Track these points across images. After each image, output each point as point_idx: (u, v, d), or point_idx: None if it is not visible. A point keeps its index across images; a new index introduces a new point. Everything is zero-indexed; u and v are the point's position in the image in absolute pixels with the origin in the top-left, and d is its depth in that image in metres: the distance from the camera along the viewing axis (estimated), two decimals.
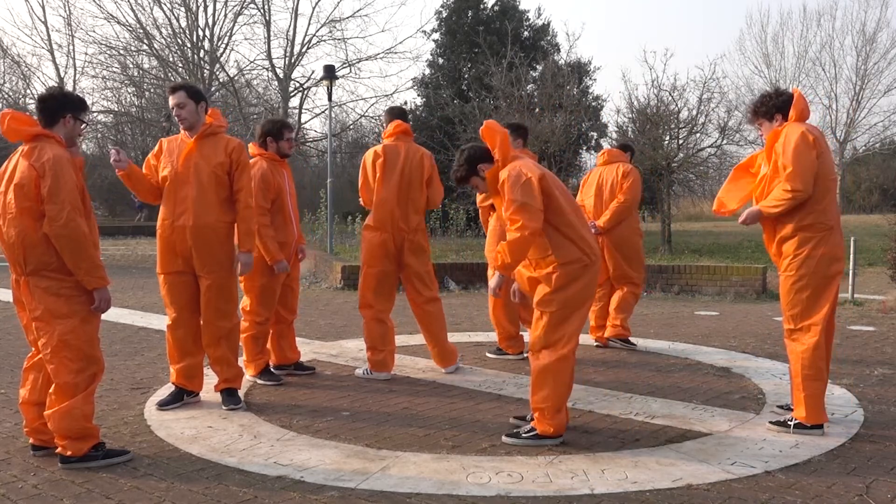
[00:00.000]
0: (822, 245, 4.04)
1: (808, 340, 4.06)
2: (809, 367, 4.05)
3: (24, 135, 3.60)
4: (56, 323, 3.55)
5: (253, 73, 27.42)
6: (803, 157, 3.98)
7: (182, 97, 4.50)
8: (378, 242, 5.42)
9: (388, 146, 5.46)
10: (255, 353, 5.33)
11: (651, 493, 3.30)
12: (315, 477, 3.49)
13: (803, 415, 4.09)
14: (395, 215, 5.40)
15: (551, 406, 3.91)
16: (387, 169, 5.40)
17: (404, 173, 5.42)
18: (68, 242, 3.49)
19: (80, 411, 3.59)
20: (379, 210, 5.41)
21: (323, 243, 15.84)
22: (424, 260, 5.59)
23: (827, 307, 4.06)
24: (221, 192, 4.54)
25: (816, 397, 4.07)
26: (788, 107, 4.21)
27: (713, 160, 19.84)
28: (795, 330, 4.12)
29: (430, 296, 5.57)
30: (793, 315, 4.12)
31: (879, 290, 10.22)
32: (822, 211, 4.05)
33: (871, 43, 34.49)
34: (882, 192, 34.48)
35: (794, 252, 4.07)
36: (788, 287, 4.12)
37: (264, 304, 5.27)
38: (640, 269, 6.60)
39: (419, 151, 5.54)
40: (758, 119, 4.33)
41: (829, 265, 4.05)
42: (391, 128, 5.52)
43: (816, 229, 4.04)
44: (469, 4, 23.80)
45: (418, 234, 5.54)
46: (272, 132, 5.38)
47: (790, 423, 4.12)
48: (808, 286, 4.05)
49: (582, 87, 20.87)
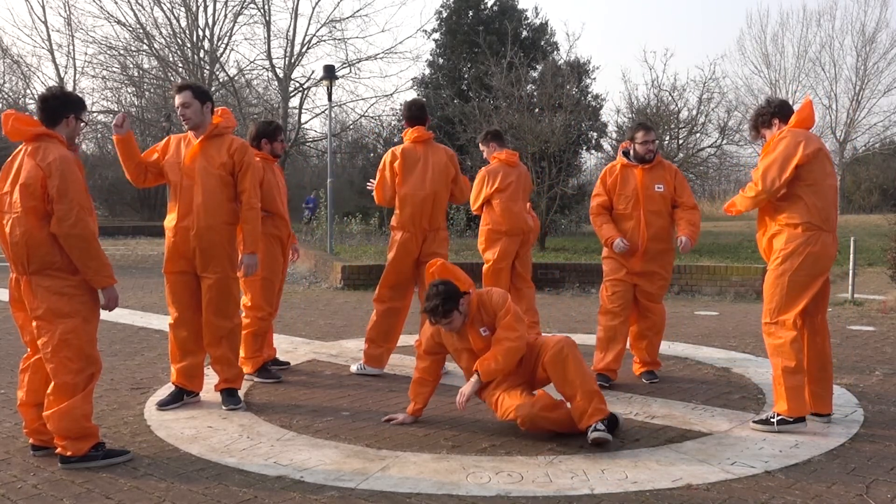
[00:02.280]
0: (810, 244, 4.10)
1: (785, 335, 4.12)
2: (787, 360, 4.09)
3: (27, 135, 3.61)
4: (58, 322, 3.55)
5: (253, 73, 27.45)
6: (778, 160, 4.08)
7: (188, 97, 4.49)
8: (400, 241, 5.54)
9: (406, 148, 5.55)
10: (253, 350, 5.36)
11: (651, 493, 3.30)
12: (315, 477, 3.49)
13: (785, 408, 4.11)
14: (417, 215, 5.51)
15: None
16: (405, 170, 5.49)
17: (426, 174, 5.51)
18: (78, 242, 3.51)
19: (79, 411, 3.59)
20: (400, 209, 5.53)
21: (323, 243, 15.83)
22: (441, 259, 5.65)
23: (803, 304, 4.12)
24: (226, 193, 4.55)
25: (797, 389, 4.09)
26: (785, 111, 4.29)
27: (713, 160, 19.88)
28: (771, 323, 4.19)
29: None
30: (770, 308, 4.20)
31: (879, 290, 10.22)
32: (816, 212, 4.10)
33: (871, 43, 34.58)
34: (882, 192, 34.47)
35: (782, 248, 4.15)
36: (771, 281, 4.20)
37: (266, 298, 5.39)
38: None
39: (441, 151, 5.64)
40: (760, 133, 4.42)
41: (814, 264, 4.10)
42: (412, 134, 5.58)
43: (806, 228, 4.10)
44: (469, 4, 23.79)
45: (440, 232, 5.68)
46: (267, 133, 5.53)
47: (773, 420, 4.14)
48: (788, 282, 4.12)
49: (581, 87, 20.85)
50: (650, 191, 5.16)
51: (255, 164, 4.72)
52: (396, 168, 5.49)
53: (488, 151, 6.58)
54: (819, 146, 4.14)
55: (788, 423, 4.09)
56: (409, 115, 5.64)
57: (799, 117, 4.21)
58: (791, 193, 4.14)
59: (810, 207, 4.10)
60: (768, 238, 4.27)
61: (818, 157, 4.11)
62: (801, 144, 4.07)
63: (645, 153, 5.19)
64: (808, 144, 4.09)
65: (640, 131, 5.24)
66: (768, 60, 36.75)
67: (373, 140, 30.21)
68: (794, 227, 4.13)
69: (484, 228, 6.51)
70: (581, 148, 21.00)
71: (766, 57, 36.93)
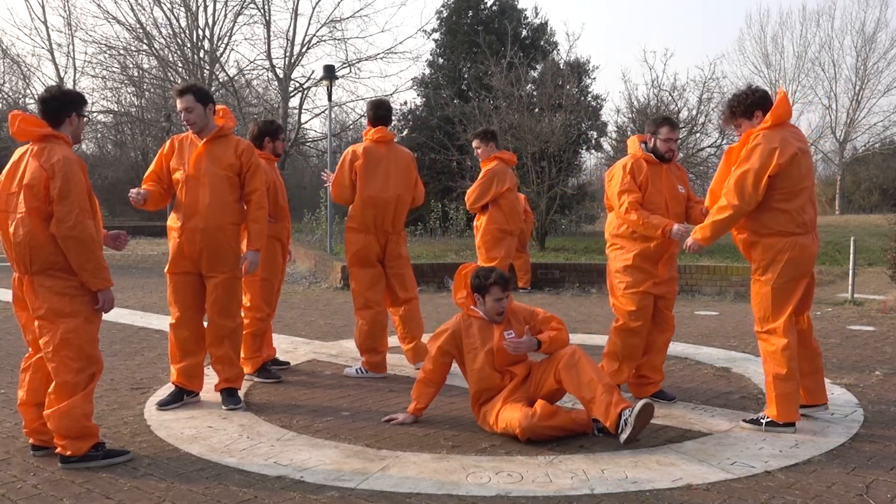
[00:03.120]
0: (787, 251, 4.04)
1: (777, 342, 4.09)
2: (779, 366, 4.07)
3: (33, 135, 3.62)
4: (60, 322, 3.56)
5: (253, 73, 27.45)
6: (753, 170, 3.95)
7: (190, 101, 4.49)
8: (364, 244, 5.45)
9: (368, 148, 5.43)
10: (253, 350, 5.37)
11: (651, 493, 3.30)
12: (315, 477, 3.49)
13: (774, 413, 4.12)
14: (380, 217, 5.42)
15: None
16: (367, 170, 5.37)
17: (389, 176, 5.41)
18: (75, 244, 3.51)
19: (79, 410, 3.59)
20: (362, 212, 5.40)
21: (323, 243, 15.82)
22: (405, 261, 5.67)
23: (790, 309, 4.08)
24: (232, 194, 4.57)
25: (787, 396, 4.08)
26: (767, 104, 4.12)
27: (713, 160, 19.80)
28: (763, 332, 4.17)
29: (407, 297, 5.65)
30: (760, 318, 4.18)
31: (879, 290, 10.22)
32: (790, 220, 4.02)
33: (871, 43, 34.59)
34: (882, 192, 34.46)
35: (760, 258, 4.12)
36: (756, 291, 4.18)
37: (265, 299, 5.42)
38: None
39: (404, 153, 5.57)
40: (736, 119, 4.20)
41: (795, 268, 4.06)
42: (374, 134, 5.46)
43: (782, 235, 4.04)
44: (469, 4, 23.76)
45: (402, 235, 5.62)
46: (270, 132, 5.57)
47: (762, 421, 4.15)
48: (772, 291, 4.08)
49: (581, 87, 20.82)
50: (675, 191, 4.69)
51: (262, 165, 4.78)
52: (357, 167, 5.36)
53: (487, 151, 6.58)
54: (795, 150, 3.96)
55: (777, 426, 4.10)
56: (376, 115, 5.52)
57: (776, 112, 4.03)
58: (763, 203, 4.02)
59: (784, 215, 4.01)
60: (743, 244, 4.21)
61: (794, 162, 3.96)
62: (777, 153, 3.92)
63: (666, 151, 4.64)
64: (784, 151, 3.93)
65: (664, 126, 4.65)
66: (768, 60, 36.78)
67: None
68: (769, 236, 4.06)
69: (491, 227, 6.52)
70: (581, 148, 20.97)
71: (765, 57, 36.96)
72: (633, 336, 4.63)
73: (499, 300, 4.17)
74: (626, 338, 4.64)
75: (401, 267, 5.61)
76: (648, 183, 4.60)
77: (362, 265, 5.49)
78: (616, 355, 4.71)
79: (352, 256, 5.51)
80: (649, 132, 4.72)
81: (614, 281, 4.70)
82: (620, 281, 4.65)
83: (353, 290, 5.57)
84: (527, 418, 3.93)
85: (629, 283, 4.61)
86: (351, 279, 5.56)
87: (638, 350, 4.69)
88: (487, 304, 4.19)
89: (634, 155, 4.67)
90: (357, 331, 5.55)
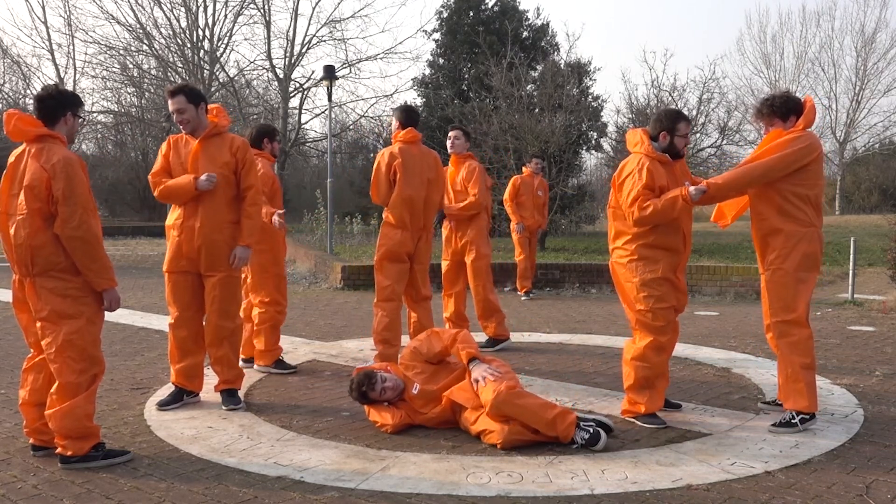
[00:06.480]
0: (805, 241, 4.17)
1: (800, 332, 4.16)
2: (805, 355, 4.15)
3: (29, 135, 3.61)
4: (62, 323, 3.56)
5: (253, 73, 27.51)
6: (787, 156, 4.12)
7: (182, 102, 4.49)
8: (400, 240, 5.60)
9: (403, 148, 5.59)
10: (272, 343, 5.61)
11: (651, 494, 3.30)
12: (315, 477, 3.49)
13: (805, 404, 4.14)
14: (417, 216, 5.61)
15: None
16: (406, 171, 5.55)
17: (423, 176, 5.61)
18: (81, 244, 3.51)
19: (81, 410, 3.59)
20: (401, 209, 5.56)
21: (322, 243, 15.82)
22: (428, 258, 5.84)
23: (808, 299, 4.22)
24: (228, 192, 4.58)
25: (814, 385, 4.19)
26: (800, 111, 4.30)
27: (713, 160, 19.81)
28: (783, 322, 4.19)
29: (427, 294, 5.86)
30: (781, 307, 4.21)
31: (879, 290, 10.22)
32: (813, 209, 4.21)
33: (871, 43, 34.58)
34: (882, 192, 34.49)
35: (783, 245, 4.19)
36: (776, 280, 4.23)
37: (280, 292, 5.66)
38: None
39: (432, 153, 5.76)
40: (774, 118, 4.30)
41: (813, 261, 4.20)
42: (405, 135, 5.61)
43: (804, 224, 4.19)
44: (470, 4, 23.76)
45: (430, 232, 5.82)
46: (269, 133, 5.80)
47: (795, 420, 4.14)
48: (794, 279, 4.17)
49: (582, 88, 20.80)
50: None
51: (263, 163, 4.92)
52: (397, 167, 5.52)
53: (463, 146, 6.73)
54: (820, 151, 4.25)
55: (808, 419, 4.15)
56: (407, 118, 5.69)
57: (808, 118, 4.27)
58: (790, 193, 4.19)
59: (808, 206, 4.19)
60: (766, 232, 4.28)
61: (818, 161, 4.22)
62: (812, 150, 4.15)
63: (682, 148, 4.35)
64: (814, 150, 4.17)
65: (681, 122, 4.30)
66: (768, 61, 36.76)
67: (373, 140, 30.22)
68: (794, 223, 4.18)
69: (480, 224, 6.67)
70: (581, 148, 20.97)
71: (765, 57, 36.94)
72: (664, 352, 4.29)
73: (376, 400, 4.27)
74: (658, 354, 4.27)
75: (425, 262, 5.81)
76: (668, 186, 4.24)
77: (393, 260, 5.62)
78: (647, 381, 4.28)
79: (386, 251, 5.63)
80: (664, 129, 4.29)
81: (639, 294, 4.26)
82: (649, 295, 4.23)
83: (378, 282, 5.66)
84: (496, 394, 3.84)
85: (659, 297, 4.23)
86: (378, 272, 5.67)
87: (668, 364, 4.38)
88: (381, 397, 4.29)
89: (648, 155, 4.25)
90: (376, 322, 5.61)
